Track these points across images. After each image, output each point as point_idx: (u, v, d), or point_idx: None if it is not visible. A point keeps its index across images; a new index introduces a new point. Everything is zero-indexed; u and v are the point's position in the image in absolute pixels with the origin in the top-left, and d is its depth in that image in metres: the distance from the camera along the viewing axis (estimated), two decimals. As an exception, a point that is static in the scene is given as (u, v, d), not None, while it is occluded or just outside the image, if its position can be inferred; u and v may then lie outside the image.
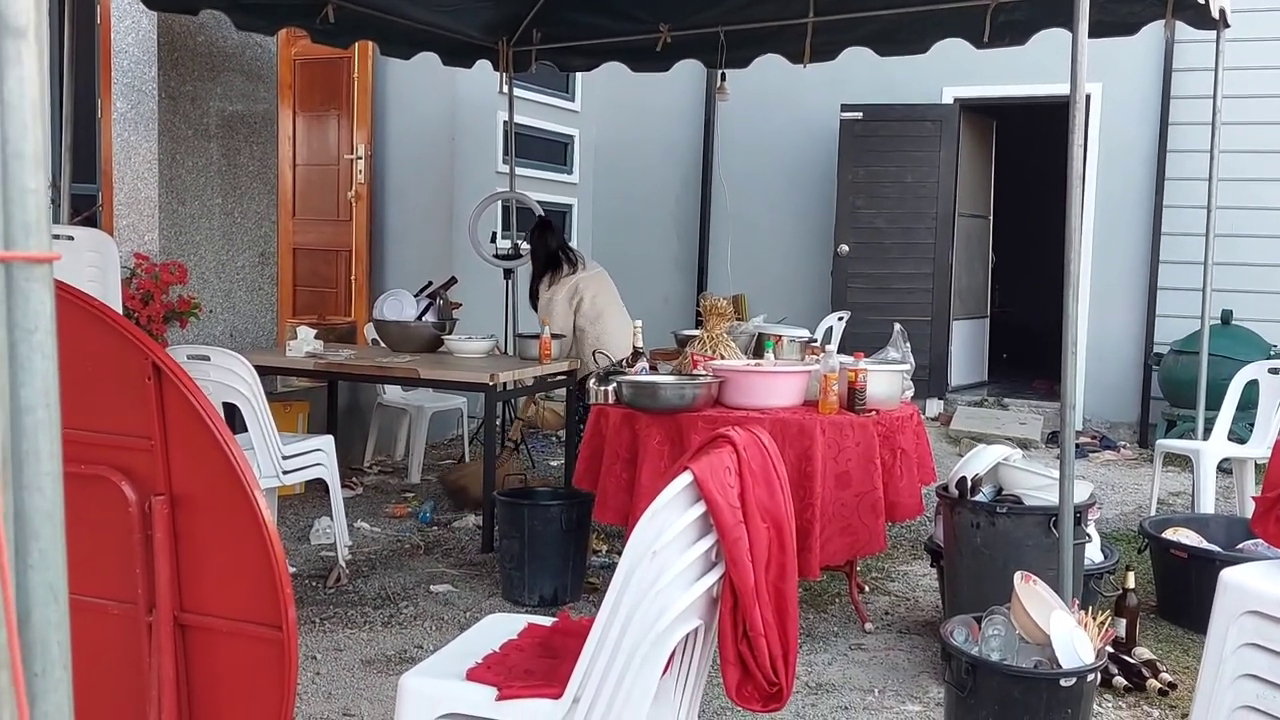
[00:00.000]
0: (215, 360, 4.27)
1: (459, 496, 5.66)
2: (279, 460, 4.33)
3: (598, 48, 6.62)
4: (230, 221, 6.03)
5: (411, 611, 4.16)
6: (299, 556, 4.84)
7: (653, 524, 1.84)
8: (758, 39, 6.10)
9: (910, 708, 3.36)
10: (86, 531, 1.88)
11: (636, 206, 9.55)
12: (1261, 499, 2.20)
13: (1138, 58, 7.76)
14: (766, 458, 2.02)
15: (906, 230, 8.49)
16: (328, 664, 3.63)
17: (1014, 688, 2.69)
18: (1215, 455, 5.20)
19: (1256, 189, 7.53)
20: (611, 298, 6.08)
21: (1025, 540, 3.41)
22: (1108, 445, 7.86)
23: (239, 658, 1.91)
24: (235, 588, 1.89)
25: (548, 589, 4.26)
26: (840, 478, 3.87)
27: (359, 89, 7.50)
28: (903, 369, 4.28)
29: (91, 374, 1.83)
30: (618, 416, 4.15)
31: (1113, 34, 5.30)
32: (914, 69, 6.85)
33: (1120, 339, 8.17)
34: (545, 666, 2.08)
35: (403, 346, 5.68)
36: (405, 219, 7.62)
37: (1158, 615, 4.22)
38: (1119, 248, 8.15)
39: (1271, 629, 1.98)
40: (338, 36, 5.88)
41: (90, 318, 1.78)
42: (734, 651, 1.87)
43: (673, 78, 7.12)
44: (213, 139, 5.89)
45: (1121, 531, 5.38)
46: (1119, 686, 3.44)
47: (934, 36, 5.66)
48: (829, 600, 4.39)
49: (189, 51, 5.71)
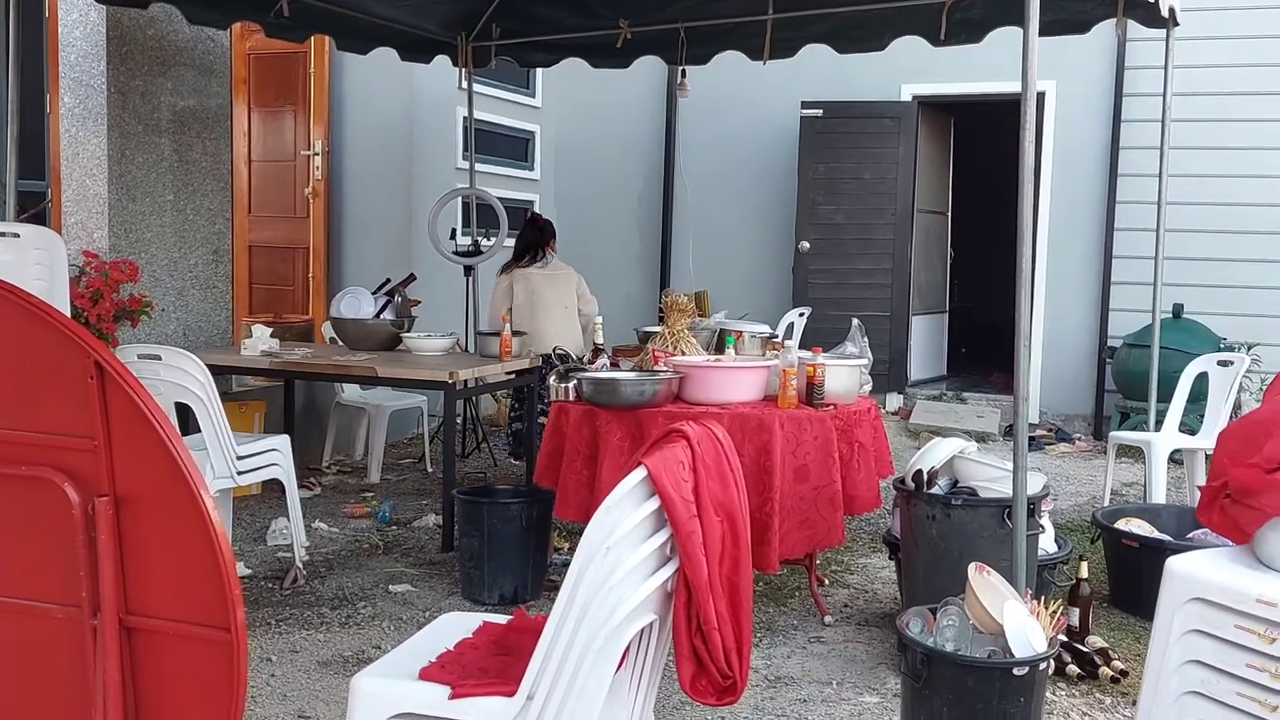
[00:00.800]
0: (167, 360, 4.22)
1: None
2: (233, 460, 4.28)
3: (558, 43, 6.61)
4: (183, 219, 5.95)
5: (369, 612, 4.13)
6: (255, 557, 4.78)
7: (607, 519, 1.84)
8: (717, 35, 6.12)
9: (868, 699, 3.38)
10: (29, 534, 1.85)
11: (598, 203, 9.54)
12: (1206, 488, 2.23)
13: (1091, 56, 7.86)
14: (721, 452, 2.02)
15: (866, 226, 8.54)
16: (283, 665, 3.59)
17: (968, 677, 2.72)
18: (1166, 447, 5.27)
19: (1207, 185, 7.64)
20: (553, 297, 6.18)
21: (980, 531, 3.44)
22: (1063, 438, 7.95)
23: (187, 660, 1.88)
24: (182, 589, 1.85)
25: (508, 588, 4.24)
26: (799, 471, 3.88)
27: (315, 84, 7.42)
28: (860, 364, 4.30)
29: (32, 374, 1.80)
30: (578, 413, 4.15)
31: (1065, 32, 5.36)
32: (873, 66, 6.90)
33: (1075, 333, 8.27)
34: (500, 664, 2.07)
35: (361, 345, 5.63)
36: (364, 216, 7.56)
37: (1110, 604, 4.27)
38: (1074, 243, 8.25)
39: (1216, 615, 2.01)
40: (293, 31, 5.81)
41: (30, 316, 1.74)
42: (688, 645, 1.87)
43: (634, 74, 7.12)
44: (164, 135, 5.81)
45: (1076, 522, 5.44)
46: (1072, 674, 3.48)
47: (891, 34, 5.71)
48: (788, 594, 4.40)
49: (139, 46, 5.62)
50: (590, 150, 9.54)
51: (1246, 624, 1.94)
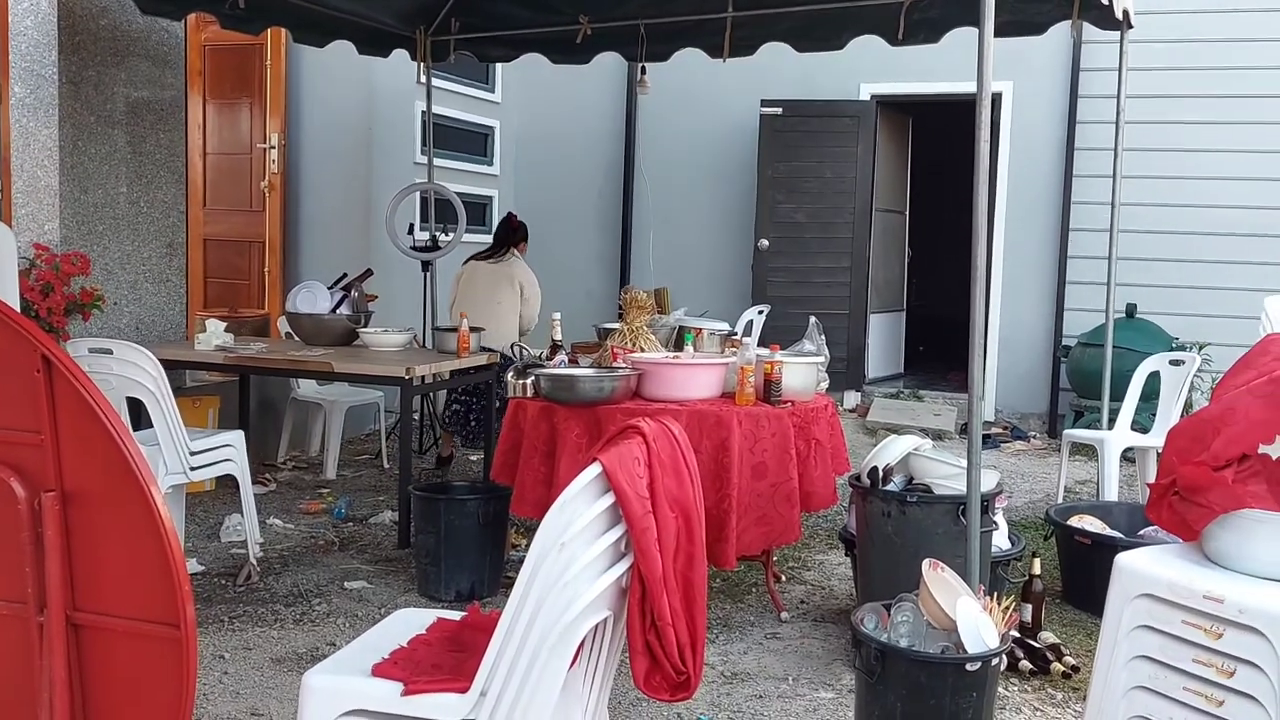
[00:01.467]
0: (118, 354, 4.16)
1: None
2: (186, 456, 4.23)
3: (517, 38, 6.58)
4: (136, 211, 5.85)
5: (324, 609, 4.10)
6: (209, 554, 4.73)
7: (561, 516, 1.83)
8: (678, 32, 6.12)
9: (823, 695, 3.40)
10: (-28, 529, 1.82)
11: (558, 199, 9.51)
12: (1155, 485, 2.27)
13: (1047, 57, 7.95)
14: (676, 448, 2.02)
15: (825, 225, 8.59)
16: (236, 663, 3.55)
17: (921, 673, 2.74)
18: (1119, 445, 5.35)
19: (1160, 186, 7.76)
20: (485, 292, 6.25)
21: (935, 528, 3.47)
22: (1018, 436, 8.04)
23: (135, 657, 1.86)
24: (131, 586, 1.83)
25: (464, 584, 4.22)
26: (756, 468, 3.90)
27: (272, 77, 7.34)
28: (817, 361, 4.32)
29: (-24, 366, 1.77)
30: (536, 410, 4.13)
31: (1021, 33, 5.42)
32: (832, 65, 6.93)
33: (1031, 331, 8.37)
34: (453, 661, 2.06)
35: (316, 340, 5.58)
36: (321, 210, 7.49)
37: (1063, 600, 4.33)
38: (1030, 243, 8.35)
39: (1163, 611, 2.04)
40: (248, 23, 5.75)
41: (-27, 308, 1.71)
42: (642, 641, 1.87)
43: (594, 70, 7.11)
44: (118, 126, 5.72)
45: (1030, 519, 5.50)
46: (1024, 670, 3.52)
47: (850, 33, 5.74)
48: (745, 590, 4.42)
49: (91, 35, 5.53)
50: (550, 146, 9.51)
51: (1193, 619, 1.97)
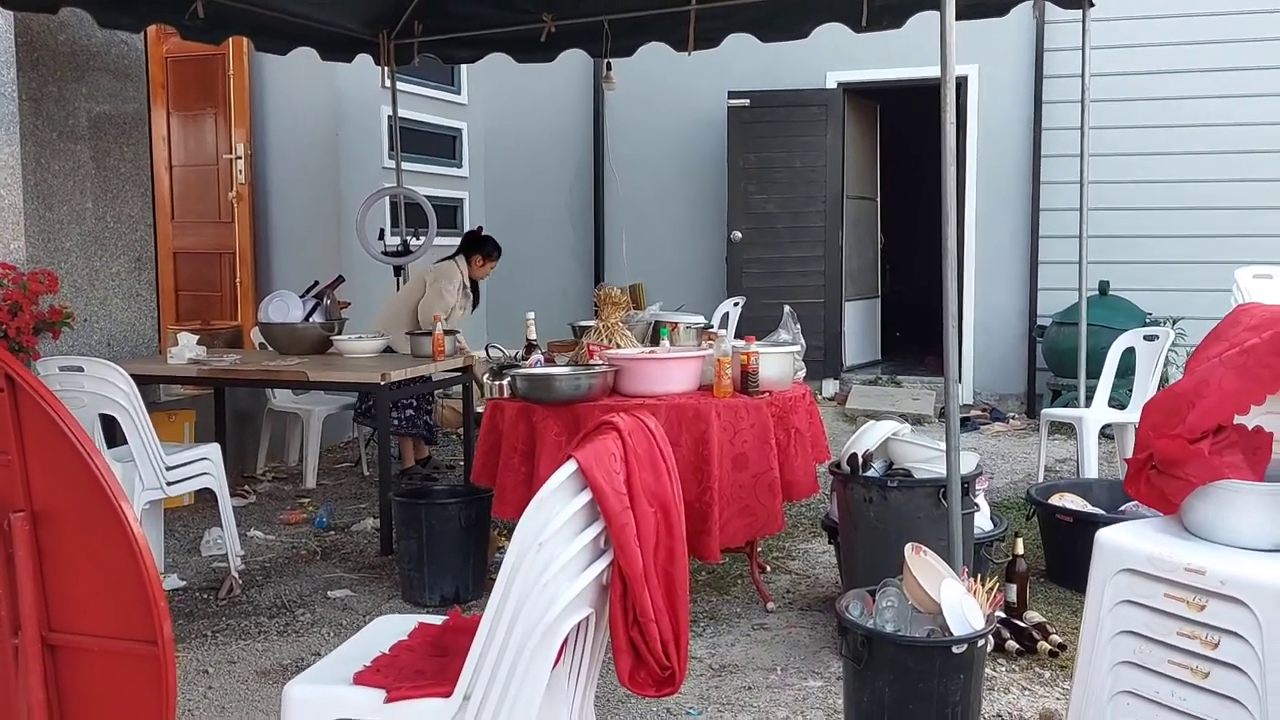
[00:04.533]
0: (89, 371, 4.12)
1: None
2: (162, 471, 4.19)
3: (481, 39, 6.54)
4: (103, 226, 5.79)
5: (308, 619, 4.07)
6: (190, 569, 4.69)
7: (539, 514, 1.82)
8: (641, 27, 6.10)
9: (811, 684, 3.40)
10: (-59, 554, 1.79)
11: (529, 198, 9.49)
12: (1133, 460, 2.27)
13: (1011, 39, 7.97)
14: (652, 442, 2.01)
15: (797, 214, 8.59)
16: (220, 677, 3.52)
17: (908, 657, 2.74)
18: (1097, 422, 5.38)
19: (1126, 163, 7.81)
20: (401, 291, 6.44)
21: (917, 512, 3.48)
22: (998, 417, 8.08)
23: (113, 677, 1.84)
24: (106, 604, 1.81)
25: (449, 588, 4.20)
26: (737, 460, 3.89)
27: (235, 86, 7.28)
28: (793, 350, 4.32)
29: (-62, 388, 1.74)
30: (514, 410, 4.11)
31: (984, 15, 5.43)
32: (798, 55, 6.92)
33: (1006, 313, 8.40)
34: (436, 666, 2.04)
35: (290, 349, 5.54)
36: (290, 219, 7.44)
37: (1047, 579, 4.35)
38: (1001, 224, 8.38)
39: (1145, 585, 2.04)
40: (209, 33, 5.69)
41: (-68, 328, 1.68)
42: (625, 638, 1.86)
43: (560, 68, 7.08)
44: (80, 141, 5.65)
45: (1012, 500, 5.53)
46: (1011, 650, 3.54)
47: (814, 21, 5.73)
48: (731, 582, 4.41)
49: (50, 51, 5.46)
50: (519, 145, 9.48)
51: (1176, 592, 1.97)
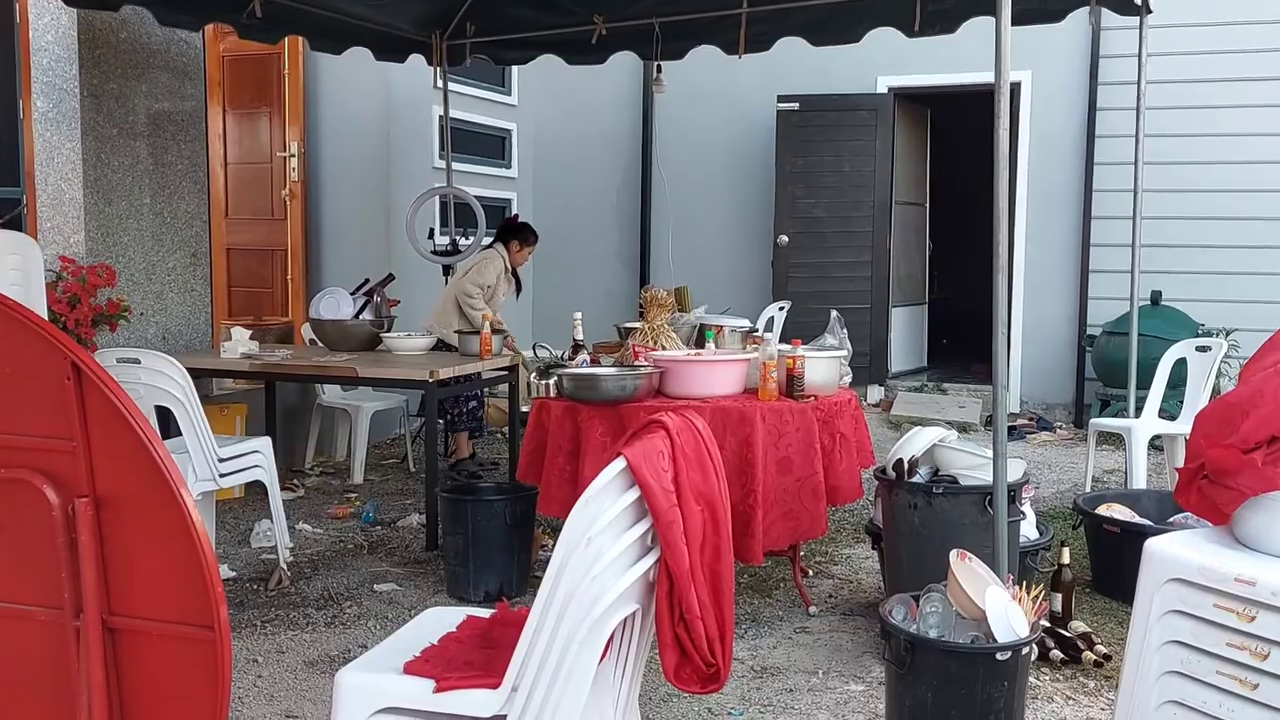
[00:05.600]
0: (146, 363, 4.20)
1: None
2: (215, 463, 4.26)
3: (532, 40, 6.59)
4: (160, 222, 5.91)
5: (355, 611, 4.12)
6: (239, 560, 4.77)
7: (587, 511, 1.84)
8: (692, 30, 6.11)
9: (853, 688, 3.40)
10: (9, 537, 1.85)
11: (577, 200, 9.54)
12: (1184, 470, 2.25)
13: (1066, 45, 7.91)
14: (700, 441, 2.03)
15: (845, 219, 8.57)
16: (269, 666, 3.58)
17: (951, 663, 2.73)
18: (1146, 432, 5.31)
19: (1181, 171, 7.70)
20: (444, 293, 6.48)
21: (961, 519, 3.46)
22: (1044, 426, 7.99)
23: (171, 660, 1.88)
24: (165, 589, 1.85)
25: (493, 584, 4.24)
26: (781, 463, 3.90)
27: (290, 85, 7.39)
28: (839, 354, 4.31)
29: (9, 376, 1.79)
30: (559, 409, 4.15)
31: (1039, 21, 5.39)
32: (849, 59, 6.92)
33: (1055, 322, 8.32)
34: (484, 657, 2.07)
35: (340, 345, 5.61)
36: (341, 216, 7.54)
37: (1093, 589, 4.30)
38: (1052, 232, 8.30)
39: (1195, 595, 2.03)
40: (266, 32, 5.79)
41: (5, 318, 1.74)
42: (671, 634, 1.88)
43: (610, 70, 7.12)
44: (139, 138, 5.77)
45: (1058, 509, 5.47)
46: (1055, 659, 3.51)
47: (866, 26, 5.71)
48: (773, 585, 4.42)
49: (111, 49, 5.58)
50: (568, 147, 9.53)
51: (1225, 603, 1.96)
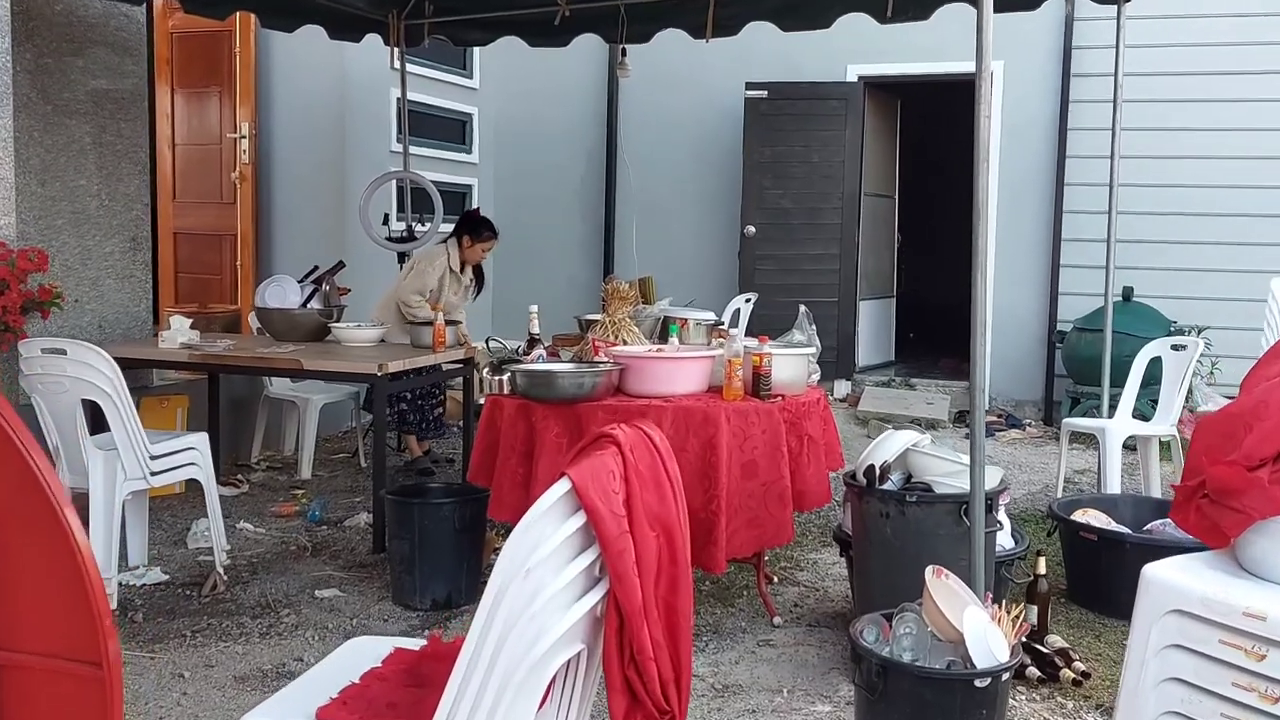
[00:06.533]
0: (72, 354, 3.95)
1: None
2: (146, 460, 4.03)
3: (494, 21, 6.35)
4: (98, 204, 5.61)
5: (293, 620, 3.89)
6: (174, 562, 4.51)
7: (527, 538, 1.62)
8: (659, 13, 5.90)
9: (820, 708, 3.21)
10: None
11: (539, 187, 9.29)
12: (1181, 487, 2.08)
13: (1038, 35, 7.74)
14: (656, 458, 1.81)
15: (813, 210, 8.38)
16: (196, 682, 3.34)
17: (926, 689, 2.55)
18: (1121, 434, 5.16)
19: (1155, 166, 7.57)
20: (392, 286, 6.15)
21: (936, 529, 3.28)
22: (1014, 423, 7.86)
23: (56, 699, 1.66)
24: (46, 619, 1.63)
25: (440, 592, 4.02)
26: (746, 467, 3.70)
27: (241, 64, 7.10)
28: (808, 352, 4.11)
29: None
30: (513, 408, 3.92)
31: (1014, 9, 5.21)
32: (818, 47, 6.74)
33: (1024, 317, 8.18)
34: (411, 698, 1.85)
35: (287, 335, 5.36)
36: (294, 201, 7.26)
37: (1068, 599, 4.14)
38: (1023, 225, 8.15)
39: (1198, 629, 1.84)
40: (212, 7, 5.53)
41: None
42: (620, 677, 1.67)
43: (574, 54, 6.88)
44: (77, 116, 5.47)
45: (1030, 512, 5.32)
46: (1032, 678, 3.33)
47: (836, 11, 5.53)
48: (736, 593, 4.22)
49: (46, 22, 5.28)
50: (530, 132, 9.28)
51: (1232, 639, 1.77)
